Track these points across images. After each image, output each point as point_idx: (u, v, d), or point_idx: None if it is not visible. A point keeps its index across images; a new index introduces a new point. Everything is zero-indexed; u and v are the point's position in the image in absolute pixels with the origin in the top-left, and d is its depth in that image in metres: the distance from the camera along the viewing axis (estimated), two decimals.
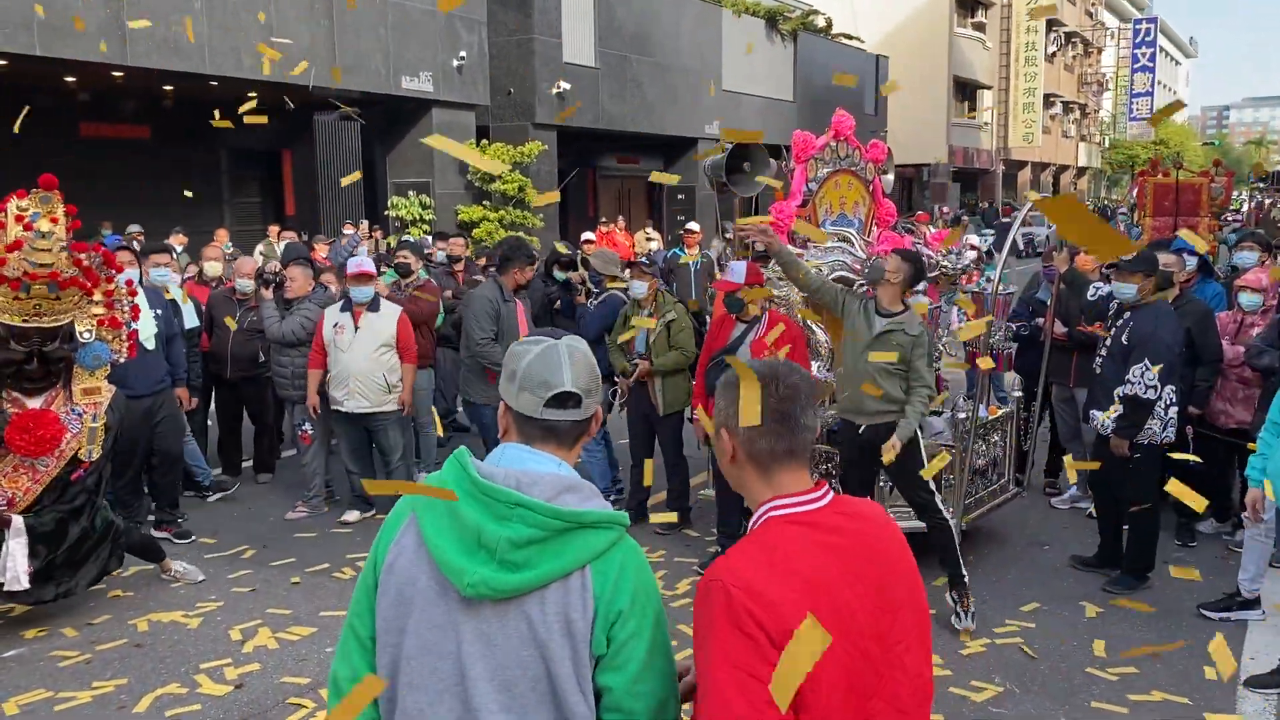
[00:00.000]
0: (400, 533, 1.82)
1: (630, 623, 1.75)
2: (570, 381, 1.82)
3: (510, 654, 1.73)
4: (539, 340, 1.87)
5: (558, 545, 1.73)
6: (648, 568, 1.84)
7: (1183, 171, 13.38)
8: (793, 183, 6.37)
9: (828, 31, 29.66)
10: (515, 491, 1.73)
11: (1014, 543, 6.46)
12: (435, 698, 1.75)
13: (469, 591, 1.71)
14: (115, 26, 12.37)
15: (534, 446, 1.83)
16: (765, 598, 1.65)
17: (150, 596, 5.68)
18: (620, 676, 1.75)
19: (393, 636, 1.79)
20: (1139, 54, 52.16)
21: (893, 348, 5.09)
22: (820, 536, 1.76)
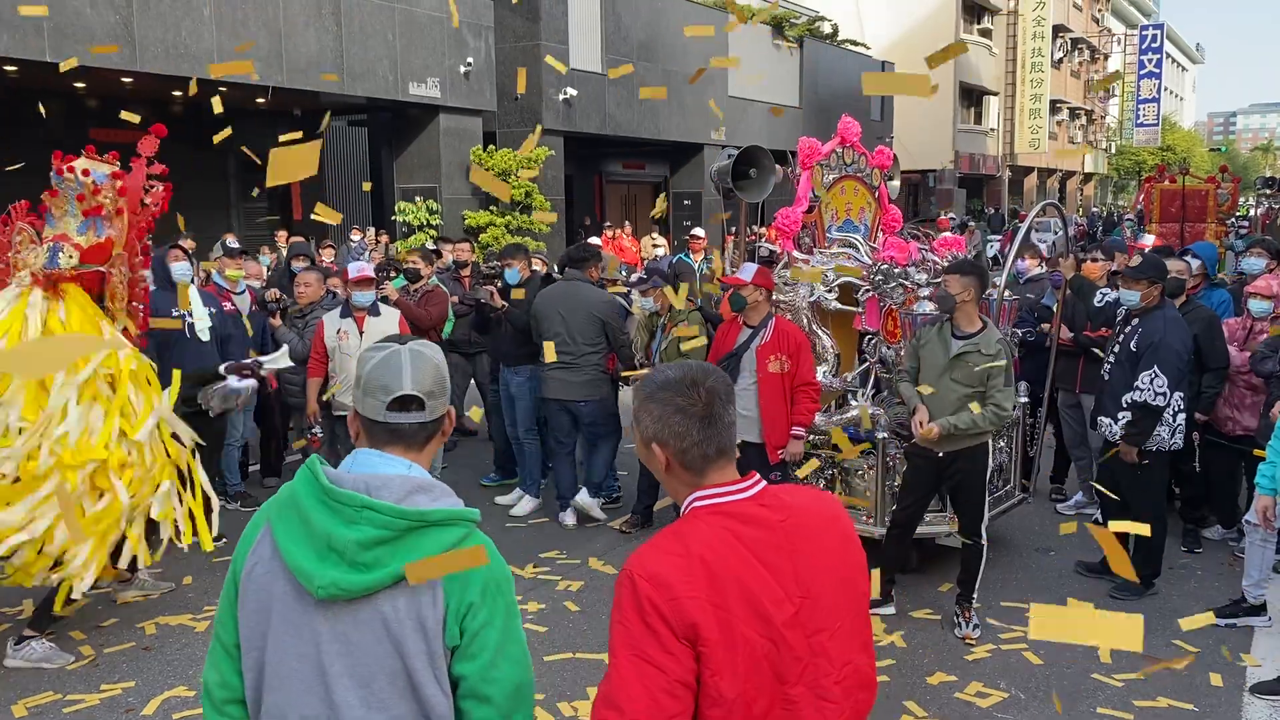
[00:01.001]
0: (257, 542, 1.90)
1: (481, 613, 1.83)
2: (410, 385, 1.88)
3: (367, 651, 1.81)
4: (385, 346, 1.94)
5: (407, 544, 1.80)
6: (499, 561, 1.91)
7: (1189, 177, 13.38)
8: (798, 189, 6.39)
9: (834, 38, 29.67)
10: (361, 495, 1.80)
11: (1019, 548, 6.46)
12: (298, 698, 1.83)
13: (321, 594, 1.78)
14: (125, 32, 12.43)
15: (383, 450, 1.90)
16: (669, 590, 1.72)
17: (158, 600, 5.70)
18: (474, 665, 1.83)
19: (256, 641, 1.87)
20: (1145, 60, 52.10)
21: (969, 371, 5.03)
22: (736, 526, 1.81)
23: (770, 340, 5.71)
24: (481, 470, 8.18)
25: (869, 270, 6.11)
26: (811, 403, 5.72)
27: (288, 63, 14.37)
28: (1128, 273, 5.68)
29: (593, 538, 6.73)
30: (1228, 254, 12.49)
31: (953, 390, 5.07)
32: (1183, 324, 5.57)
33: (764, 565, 1.79)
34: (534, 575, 6.06)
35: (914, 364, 5.35)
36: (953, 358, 5.09)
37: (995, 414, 5.02)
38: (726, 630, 1.72)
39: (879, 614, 5.38)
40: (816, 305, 6.21)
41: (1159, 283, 5.54)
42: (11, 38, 11.39)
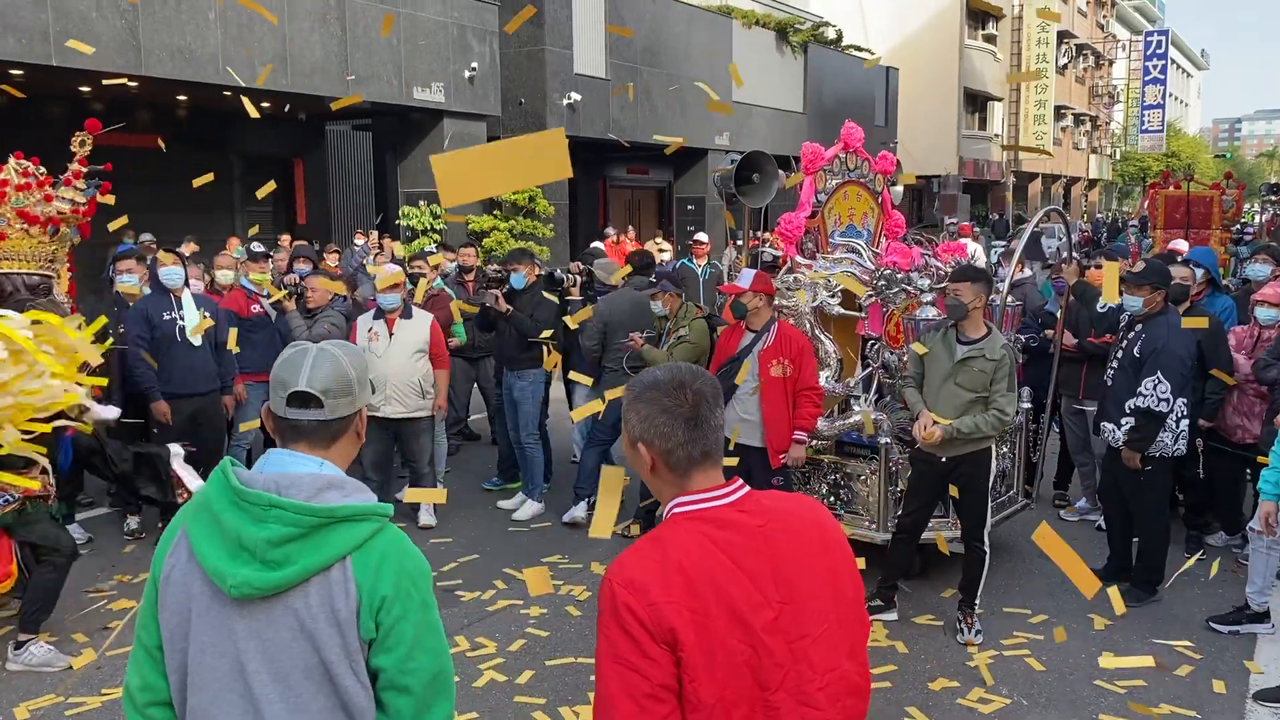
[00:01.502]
0: (174, 545, 1.93)
1: (395, 607, 1.86)
2: (305, 382, 1.91)
3: (282, 647, 1.83)
4: (298, 344, 1.99)
5: (316, 540, 1.83)
6: (412, 554, 1.94)
7: (1194, 184, 13.37)
8: (802, 194, 6.39)
9: (838, 44, 29.67)
10: (270, 494, 1.83)
11: (1023, 554, 6.45)
12: (218, 696, 1.86)
13: (234, 593, 1.81)
14: (130, 36, 12.46)
15: (290, 447, 1.94)
16: (647, 596, 1.72)
17: None
18: (391, 658, 1.87)
19: (177, 643, 1.90)
20: (1150, 66, 52.08)
21: (975, 375, 5.06)
22: (714, 532, 1.80)
23: (773, 345, 5.70)
24: (484, 474, 8.18)
25: (872, 275, 6.11)
26: (814, 407, 5.72)
27: (292, 67, 14.40)
28: (1130, 278, 5.68)
29: (595, 542, 6.72)
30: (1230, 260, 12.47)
31: (957, 395, 5.08)
32: (1186, 330, 5.56)
33: (742, 570, 1.78)
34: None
35: (919, 370, 5.35)
36: (957, 362, 5.11)
37: (998, 418, 5.03)
38: (704, 636, 1.73)
39: (881, 619, 5.38)
40: (819, 310, 6.20)
41: (1162, 289, 5.54)
42: (17, 42, 11.42)
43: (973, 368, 5.06)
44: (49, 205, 5.02)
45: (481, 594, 5.82)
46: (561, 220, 18.96)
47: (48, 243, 5.07)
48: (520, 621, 5.42)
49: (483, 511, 7.26)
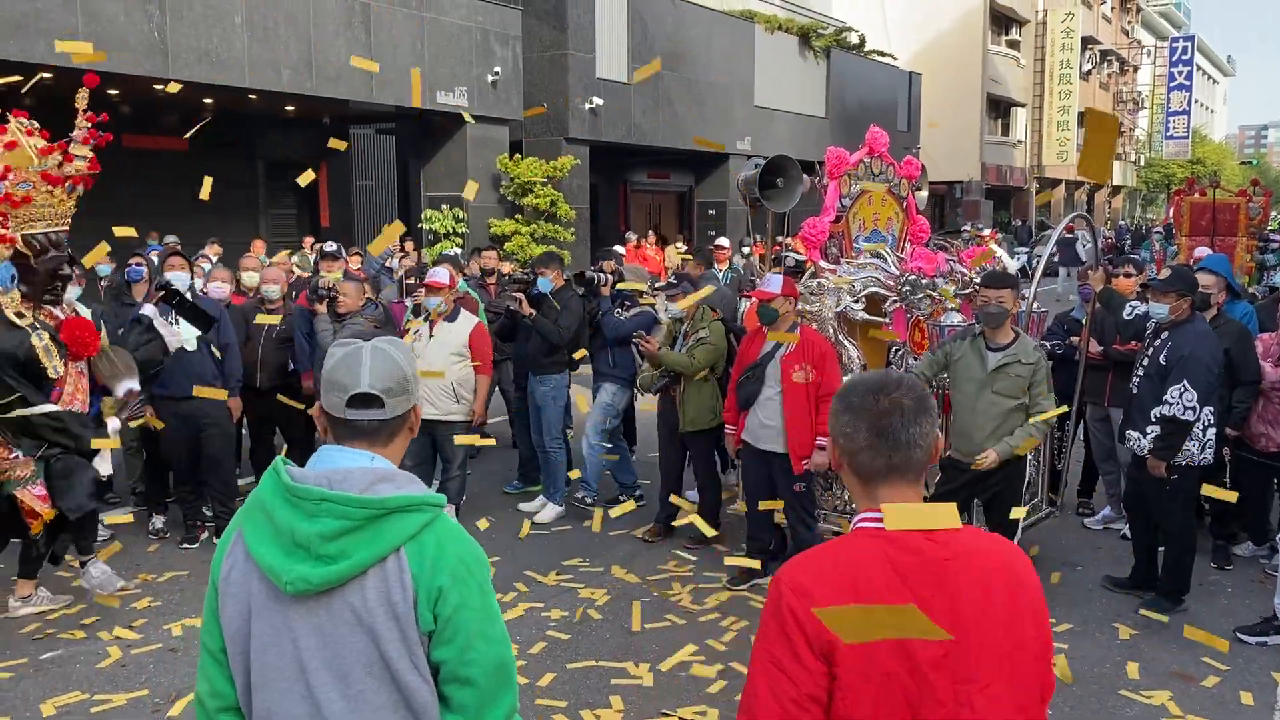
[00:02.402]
0: (231, 546, 1.92)
1: (453, 596, 1.84)
2: (367, 383, 1.90)
3: (342, 643, 1.82)
4: (349, 343, 1.96)
5: (370, 533, 1.81)
6: (467, 542, 1.92)
7: (1219, 190, 13.25)
8: (826, 198, 6.38)
9: (861, 48, 29.62)
10: (321, 488, 1.82)
11: (1047, 563, 6.40)
12: (281, 695, 1.85)
13: (290, 589, 1.80)
14: (158, 40, 12.58)
15: (345, 445, 1.92)
16: (810, 601, 1.67)
17: (184, 602, 5.75)
18: (451, 649, 1.85)
19: (240, 645, 1.89)
20: (1175, 72, 51.69)
21: (1013, 380, 5.09)
22: (895, 554, 1.72)
23: (795, 350, 5.69)
24: (505, 477, 8.20)
25: (896, 281, 6.09)
26: None
27: (317, 71, 14.51)
28: (1156, 286, 5.64)
29: (615, 546, 6.73)
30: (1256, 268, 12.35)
31: (996, 404, 5.11)
32: (1213, 337, 5.51)
33: (917, 598, 1.68)
34: (557, 582, 6.06)
35: (932, 372, 5.34)
36: (992, 371, 5.11)
37: (1046, 423, 5.10)
38: (863, 655, 1.66)
39: None
40: (843, 316, 6.19)
41: (1188, 296, 5.49)
42: (47, 45, 11.55)
43: (1009, 374, 5.09)
44: (68, 165, 5.12)
45: (502, 596, 5.83)
46: (582, 224, 18.99)
47: (67, 200, 5.20)
48: (541, 624, 5.43)
49: (503, 514, 7.27)
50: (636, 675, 4.85)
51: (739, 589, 5.91)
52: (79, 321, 5.26)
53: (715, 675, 4.86)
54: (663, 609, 5.66)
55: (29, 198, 5.01)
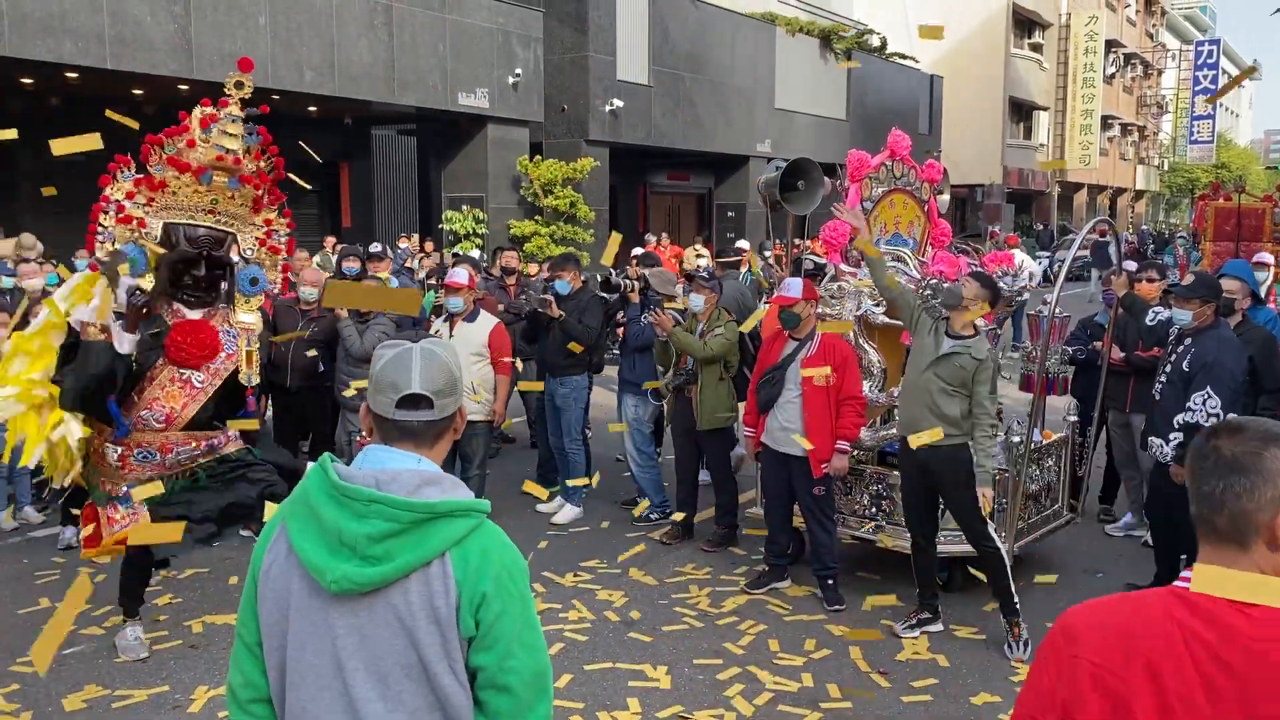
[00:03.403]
0: (273, 540, 1.93)
1: (495, 603, 1.84)
2: (419, 384, 1.90)
3: (382, 644, 1.83)
4: (398, 344, 1.97)
5: (416, 536, 1.82)
6: (511, 550, 1.92)
7: (1245, 195, 13.12)
8: (847, 201, 6.35)
9: (882, 51, 29.53)
10: (370, 489, 1.82)
11: (1067, 570, 6.35)
12: (317, 693, 1.85)
13: (334, 588, 1.80)
14: (182, 40, 12.68)
15: (392, 445, 1.92)
16: (1074, 645, 1.57)
17: (205, 599, 5.79)
18: (491, 655, 1.85)
19: (276, 640, 1.90)
20: (1200, 76, 51.27)
21: (955, 369, 5.11)
22: (1187, 620, 1.50)
23: (816, 353, 5.68)
24: (523, 477, 8.20)
25: (918, 284, 6.06)
26: (857, 417, 5.68)
27: (339, 71, 14.58)
28: (1180, 292, 5.59)
29: (633, 547, 6.72)
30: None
31: (933, 383, 5.14)
32: (1237, 344, 5.46)
33: (1201, 681, 1.46)
34: (574, 584, 6.06)
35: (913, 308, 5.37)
36: (942, 355, 5.14)
37: (989, 426, 5.14)
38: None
39: (928, 631, 5.33)
40: (864, 319, 6.17)
41: (1212, 301, 5.44)
42: (75, 45, 11.67)
43: (954, 363, 5.11)
44: (191, 152, 4.76)
45: None
46: (602, 226, 19.01)
47: (203, 192, 4.81)
48: (558, 626, 5.43)
49: (522, 515, 7.28)
50: (654, 677, 4.85)
51: (756, 592, 5.89)
52: (190, 327, 4.80)
53: (732, 679, 4.85)
54: (680, 612, 5.65)
55: (164, 183, 4.75)
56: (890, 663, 5.04)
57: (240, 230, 5.01)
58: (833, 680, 4.83)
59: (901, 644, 5.24)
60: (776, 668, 4.97)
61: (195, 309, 4.91)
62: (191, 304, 4.92)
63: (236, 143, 4.85)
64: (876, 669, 4.96)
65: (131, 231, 4.72)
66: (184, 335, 4.75)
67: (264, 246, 5.09)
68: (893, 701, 4.65)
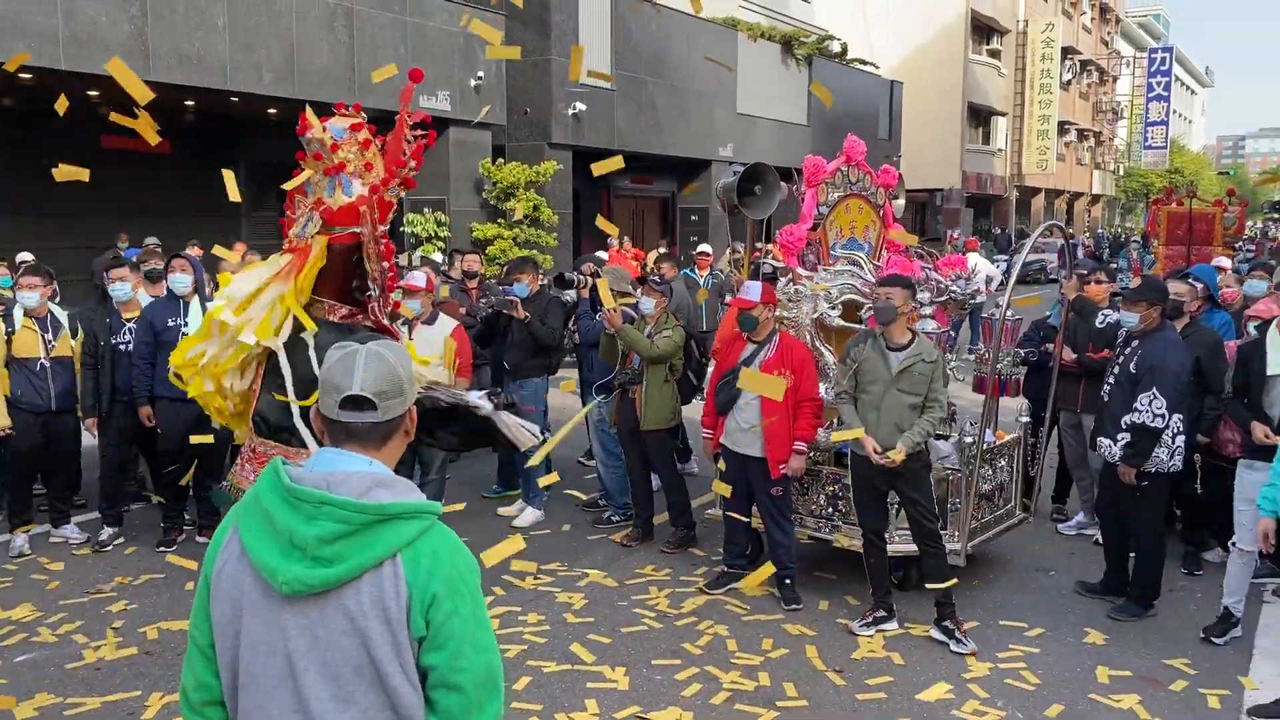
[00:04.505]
0: (226, 542, 1.95)
1: (446, 604, 1.87)
2: (359, 385, 1.91)
3: (333, 645, 1.84)
4: (345, 345, 1.98)
5: (367, 537, 1.84)
6: (462, 551, 1.95)
7: (1196, 200, 13.39)
8: (803, 206, 6.43)
9: (843, 57, 29.77)
10: (322, 491, 1.84)
11: (1019, 568, 6.47)
12: (269, 694, 1.87)
13: (285, 589, 1.83)
14: (139, 42, 12.54)
15: (341, 447, 1.94)
16: None
17: (160, 605, 5.73)
18: (442, 655, 1.87)
19: (228, 641, 1.91)
20: (1154, 83, 52.18)
21: (916, 379, 5.21)
22: None
23: (774, 356, 5.74)
24: (485, 482, 8.21)
25: (872, 288, 6.14)
26: (814, 418, 5.75)
27: (299, 74, 14.48)
28: (1127, 295, 5.72)
29: (593, 550, 6.75)
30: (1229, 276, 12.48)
31: (900, 401, 5.24)
32: (1182, 346, 5.59)
33: None
34: (534, 587, 6.08)
35: (853, 384, 5.39)
36: (899, 371, 5.24)
37: (937, 415, 5.28)
38: None
39: (884, 630, 5.40)
40: (820, 321, 6.24)
41: (1159, 304, 5.57)
42: (28, 47, 11.50)
43: (914, 373, 5.23)
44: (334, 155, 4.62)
45: None
46: (565, 229, 19.01)
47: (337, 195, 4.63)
48: (517, 628, 5.44)
49: (483, 519, 7.28)
50: (612, 679, 4.88)
51: (715, 593, 5.94)
52: None
53: (690, 679, 4.89)
54: (639, 613, 5.69)
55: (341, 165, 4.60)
56: (846, 661, 5.11)
57: None
58: (789, 679, 4.88)
59: (857, 642, 5.31)
60: (734, 667, 5.01)
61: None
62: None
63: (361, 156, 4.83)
64: (832, 667, 5.02)
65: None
66: None
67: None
68: (848, 699, 4.72)
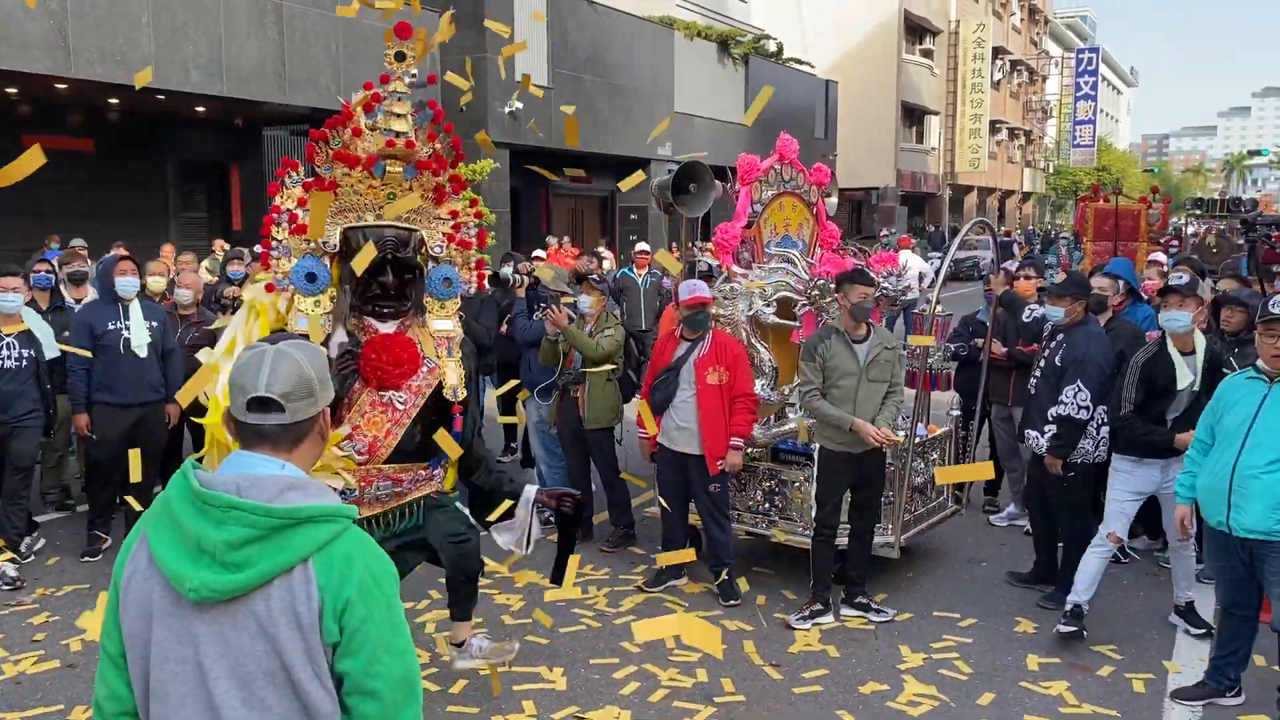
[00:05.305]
0: (134, 550, 1.91)
1: (359, 609, 1.83)
2: (265, 387, 1.88)
3: (244, 651, 1.81)
4: (256, 346, 1.96)
5: (277, 542, 1.81)
6: (377, 555, 1.92)
7: (1122, 197, 13.72)
8: (738, 205, 6.46)
9: (779, 56, 30.01)
10: (229, 495, 1.81)
11: (952, 560, 6.57)
12: (180, 702, 1.84)
13: (193, 596, 1.79)
14: (59, 38, 12.20)
15: (253, 450, 1.91)
16: None
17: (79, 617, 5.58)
18: (356, 661, 1.84)
19: (139, 650, 1.88)
20: (1081, 82, 53.43)
21: (884, 366, 5.40)
22: None
23: (709, 353, 5.76)
24: None
25: (806, 285, 6.20)
26: (749, 414, 5.78)
27: (227, 71, 14.20)
28: (1052, 289, 5.85)
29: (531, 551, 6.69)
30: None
31: (873, 391, 5.40)
32: (1105, 339, 5.73)
33: None
34: None
35: (822, 379, 5.44)
36: (869, 362, 5.38)
37: (899, 400, 5.53)
38: None
39: (821, 624, 5.45)
40: (755, 319, 6.28)
41: (1082, 299, 5.70)
42: None
43: (880, 361, 5.40)
44: (361, 141, 4.21)
45: (416, 604, 5.79)
46: (504, 228, 18.89)
47: (378, 187, 4.22)
48: None
49: None
50: (550, 679, 4.86)
51: (654, 591, 5.94)
52: (385, 342, 4.17)
53: (627, 677, 4.89)
54: (578, 613, 5.67)
55: (335, 183, 4.22)
56: (782, 655, 5.15)
57: (425, 226, 4.39)
58: (727, 674, 4.90)
59: (794, 636, 5.35)
60: (672, 664, 5.02)
61: (387, 321, 4.29)
62: (383, 316, 4.31)
63: (406, 124, 4.28)
64: (769, 662, 5.05)
65: (307, 243, 4.20)
66: (379, 352, 4.13)
67: (453, 242, 4.48)
68: (785, 693, 4.75)
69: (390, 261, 4.22)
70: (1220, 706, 4.62)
